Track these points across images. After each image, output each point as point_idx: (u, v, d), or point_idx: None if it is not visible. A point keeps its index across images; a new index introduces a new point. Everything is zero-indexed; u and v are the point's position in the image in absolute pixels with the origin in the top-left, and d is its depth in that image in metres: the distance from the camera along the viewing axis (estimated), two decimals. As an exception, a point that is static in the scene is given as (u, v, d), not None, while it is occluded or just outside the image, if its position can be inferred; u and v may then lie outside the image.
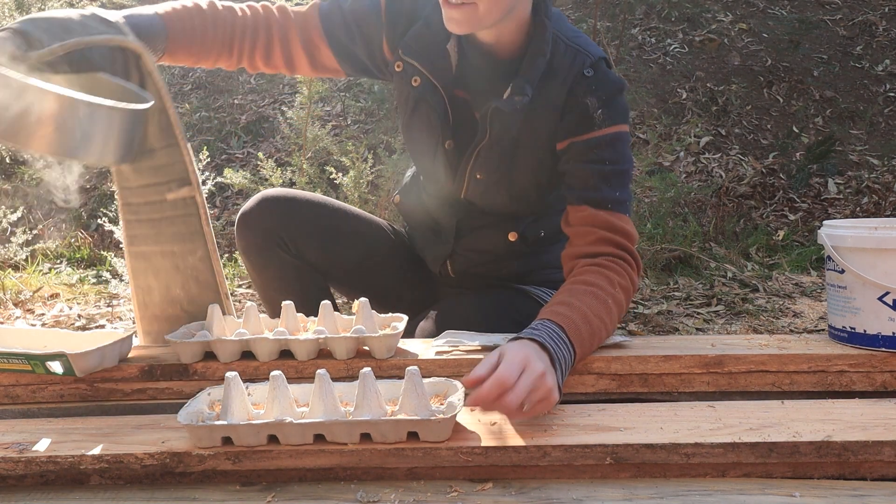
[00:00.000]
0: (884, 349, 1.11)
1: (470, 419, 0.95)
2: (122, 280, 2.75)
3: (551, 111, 1.28)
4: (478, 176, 1.36)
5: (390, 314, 1.25)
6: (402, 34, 1.34)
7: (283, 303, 1.21)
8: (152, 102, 1.12)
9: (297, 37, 1.36)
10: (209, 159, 2.72)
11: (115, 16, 1.20)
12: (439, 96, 1.34)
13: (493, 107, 1.27)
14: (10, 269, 3.06)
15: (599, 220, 1.23)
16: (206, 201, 1.25)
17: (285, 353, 1.16)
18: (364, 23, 1.36)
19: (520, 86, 1.25)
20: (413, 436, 0.88)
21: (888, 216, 3.52)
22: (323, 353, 1.16)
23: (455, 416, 0.88)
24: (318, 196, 1.57)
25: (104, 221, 2.85)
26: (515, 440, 0.88)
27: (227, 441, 0.88)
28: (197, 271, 1.24)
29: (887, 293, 1.11)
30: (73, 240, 3.68)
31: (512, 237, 1.44)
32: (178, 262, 1.24)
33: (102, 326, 2.45)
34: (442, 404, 0.94)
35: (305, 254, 1.50)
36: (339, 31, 1.36)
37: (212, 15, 1.32)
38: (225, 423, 0.88)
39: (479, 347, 1.17)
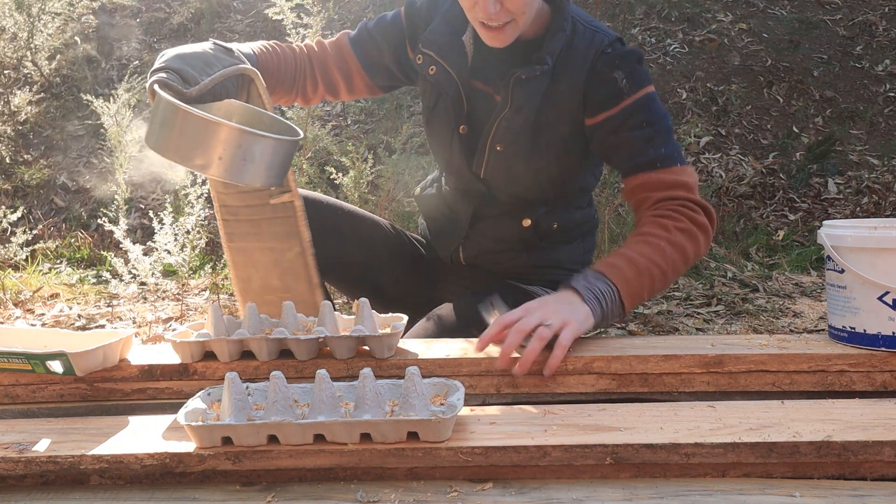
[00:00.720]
0: (884, 349, 1.11)
1: (470, 419, 0.95)
2: (122, 280, 2.75)
3: (574, 88, 1.34)
4: (498, 148, 1.40)
5: (390, 314, 1.25)
6: (423, 33, 1.43)
7: (284, 303, 1.21)
8: (302, 135, 1.25)
9: (334, 64, 1.48)
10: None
11: (220, 42, 1.32)
12: (453, 82, 1.40)
13: (514, 76, 1.32)
14: (10, 269, 3.06)
15: (653, 182, 1.29)
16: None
17: (285, 353, 1.16)
18: (389, 34, 1.46)
19: (541, 57, 1.32)
20: (413, 436, 0.88)
21: (888, 216, 3.52)
22: (323, 353, 1.16)
23: (455, 416, 0.88)
24: (313, 193, 1.59)
25: (104, 221, 2.85)
26: (515, 440, 0.88)
27: (227, 441, 0.88)
28: (293, 265, 1.37)
29: (887, 293, 1.11)
30: (73, 240, 3.68)
31: (526, 223, 1.47)
32: (276, 257, 1.38)
33: (102, 326, 2.45)
34: (442, 404, 0.94)
35: None
36: (369, 49, 1.47)
37: (283, 56, 1.45)
38: (225, 423, 0.88)
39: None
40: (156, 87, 1.15)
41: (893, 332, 1.11)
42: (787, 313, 2.38)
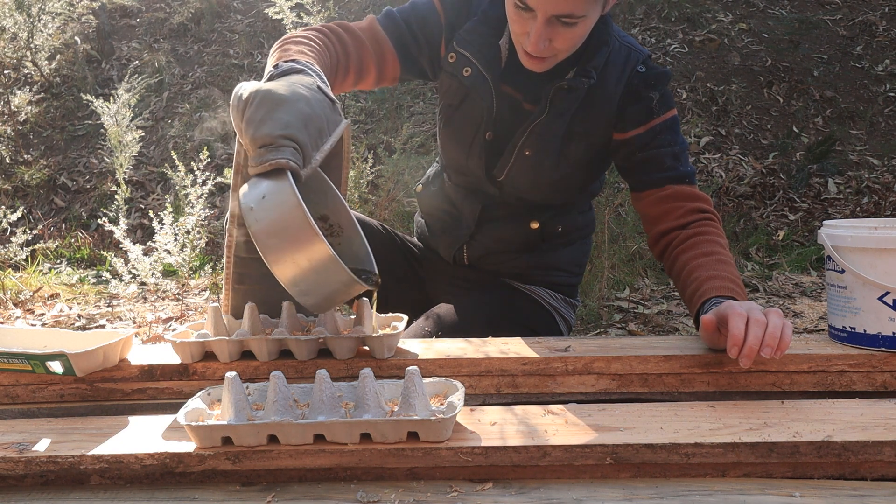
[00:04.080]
0: (884, 349, 1.11)
1: (470, 419, 0.95)
2: (122, 280, 2.75)
3: (608, 103, 1.36)
4: (526, 153, 1.40)
5: (390, 314, 1.25)
6: (459, 30, 1.40)
7: (283, 303, 1.21)
8: (376, 288, 1.14)
9: (371, 55, 1.38)
10: (209, 159, 2.72)
11: (318, 78, 1.13)
12: (487, 87, 1.39)
13: (557, 85, 1.33)
14: (10, 269, 3.06)
15: (683, 194, 1.33)
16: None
17: (285, 353, 1.16)
18: (426, 29, 1.41)
19: (585, 70, 1.33)
20: (413, 436, 0.88)
21: (888, 216, 3.52)
22: (323, 353, 1.16)
23: (455, 416, 0.88)
24: None
25: (104, 221, 2.85)
26: (515, 440, 0.88)
27: (227, 441, 0.88)
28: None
29: (887, 293, 1.11)
30: (73, 240, 3.68)
31: (534, 225, 1.48)
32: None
33: (102, 326, 2.45)
34: (442, 404, 0.94)
35: None
36: (407, 42, 1.41)
37: (327, 57, 1.31)
38: (225, 423, 0.88)
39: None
40: (290, 175, 0.97)
41: (893, 333, 1.11)
42: (787, 313, 2.38)
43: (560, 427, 0.91)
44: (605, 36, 1.34)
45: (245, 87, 1.04)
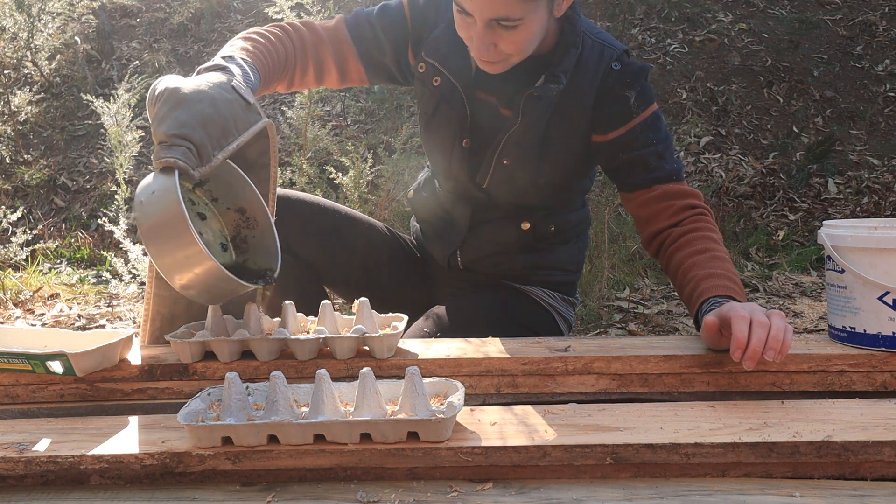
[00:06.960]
0: (884, 349, 1.11)
1: (470, 419, 0.95)
2: (121, 280, 2.75)
3: (582, 103, 1.34)
4: (504, 161, 1.39)
5: (390, 314, 1.25)
6: (427, 38, 1.38)
7: (284, 302, 1.21)
8: (267, 285, 1.18)
9: (330, 54, 1.39)
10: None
11: (238, 77, 1.13)
12: (458, 95, 1.37)
13: (527, 93, 1.31)
14: (10, 269, 3.06)
15: (672, 192, 1.32)
16: None
17: (285, 353, 1.16)
18: (391, 33, 1.40)
19: (554, 74, 1.30)
20: (413, 436, 0.88)
21: (888, 216, 3.52)
22: (323, 353, 1.16)
23: (455, 416, 0.88)
24: (310, 196, 1.57)
25: (104, 221, 2.85)
26: (515, 440, 0.88)
27: (227, 441, 0.88)
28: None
29: (887, 293, 1.11)
30: (73, 240, 3.68)
31: (525, 227, 1.47)
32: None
33: (102, 326, 2.45)
34: (442, 404, 0.94)
35: (299, 252, 1.50)
36: (370, 45, 1.40)
37: (277, 52, 1.32)
38: (225, 423, 0.88)
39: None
40: (177, 175, 0.99)
41: (893, 332, 1.11)
42: (787, 313, 2.38)
43: (560, 427, 0.91)
44: (573, 37, 1.31)
45: (160, 83, 1.07)
